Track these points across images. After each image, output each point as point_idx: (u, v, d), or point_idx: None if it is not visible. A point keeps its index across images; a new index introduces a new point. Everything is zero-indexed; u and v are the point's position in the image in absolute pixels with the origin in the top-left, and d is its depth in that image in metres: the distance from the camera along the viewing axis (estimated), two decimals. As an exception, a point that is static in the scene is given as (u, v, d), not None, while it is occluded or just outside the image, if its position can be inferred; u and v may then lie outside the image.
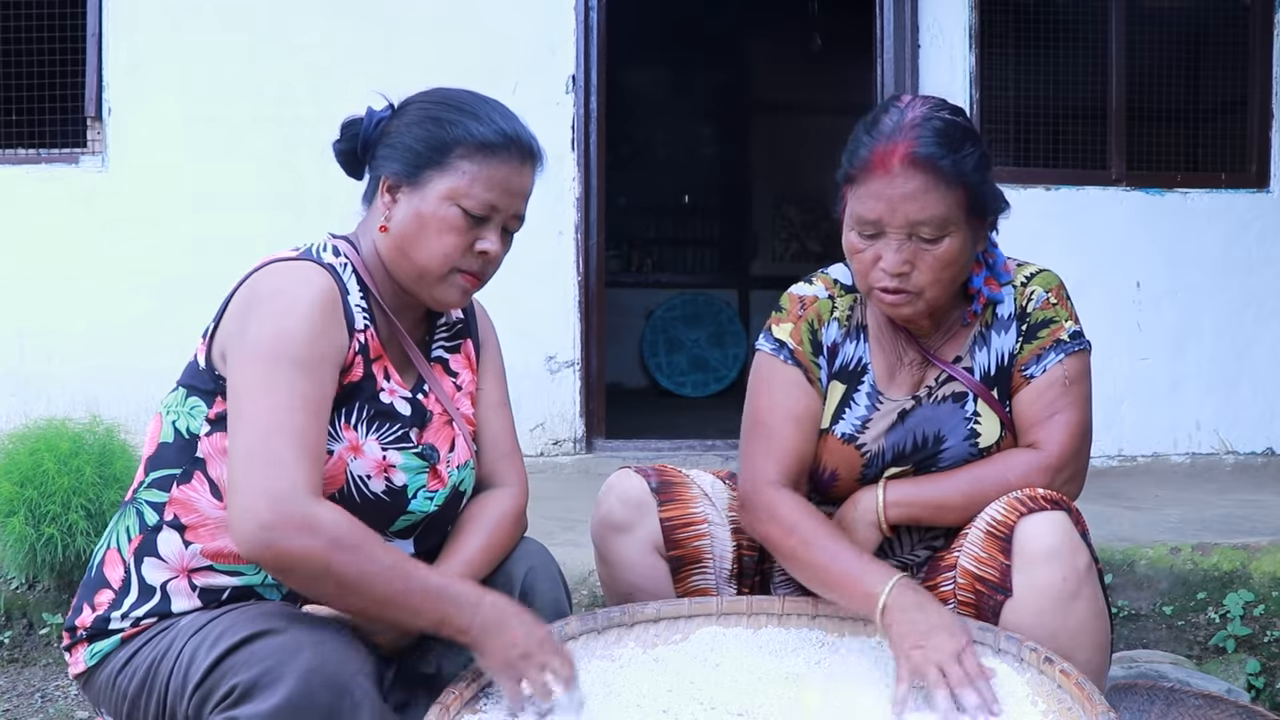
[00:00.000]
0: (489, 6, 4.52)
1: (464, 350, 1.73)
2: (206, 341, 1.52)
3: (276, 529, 1.32)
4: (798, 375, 1.77)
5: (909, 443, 1.74)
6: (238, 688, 1.32)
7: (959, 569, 1.65)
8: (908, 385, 1.77)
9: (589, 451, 4.55)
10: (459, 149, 1.53)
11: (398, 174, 1.54)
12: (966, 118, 1.69)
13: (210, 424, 1.50)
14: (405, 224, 1.53)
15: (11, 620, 3.05)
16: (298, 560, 1.33)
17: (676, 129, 8.83)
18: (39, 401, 4.13)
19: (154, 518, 1.51)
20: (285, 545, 1.32)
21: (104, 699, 1.51)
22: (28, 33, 4.42)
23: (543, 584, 1.66)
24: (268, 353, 1.40)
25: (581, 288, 4.53)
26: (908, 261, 1.62)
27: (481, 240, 1.54)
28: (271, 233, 4.36)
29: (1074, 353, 1.72)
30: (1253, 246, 4.81)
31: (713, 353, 8.13)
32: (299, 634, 1.36)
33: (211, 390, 1.50)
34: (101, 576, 1.53)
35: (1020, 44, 4.80)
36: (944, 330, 1.76)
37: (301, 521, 1.33)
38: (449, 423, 1.64)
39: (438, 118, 1.54)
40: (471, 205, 1.52)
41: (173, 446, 1.52)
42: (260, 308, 1.44)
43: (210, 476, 1.49)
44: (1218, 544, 3.05)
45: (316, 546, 1.33)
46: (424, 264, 1.53)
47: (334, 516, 1.36)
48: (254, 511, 1.33)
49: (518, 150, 1.56)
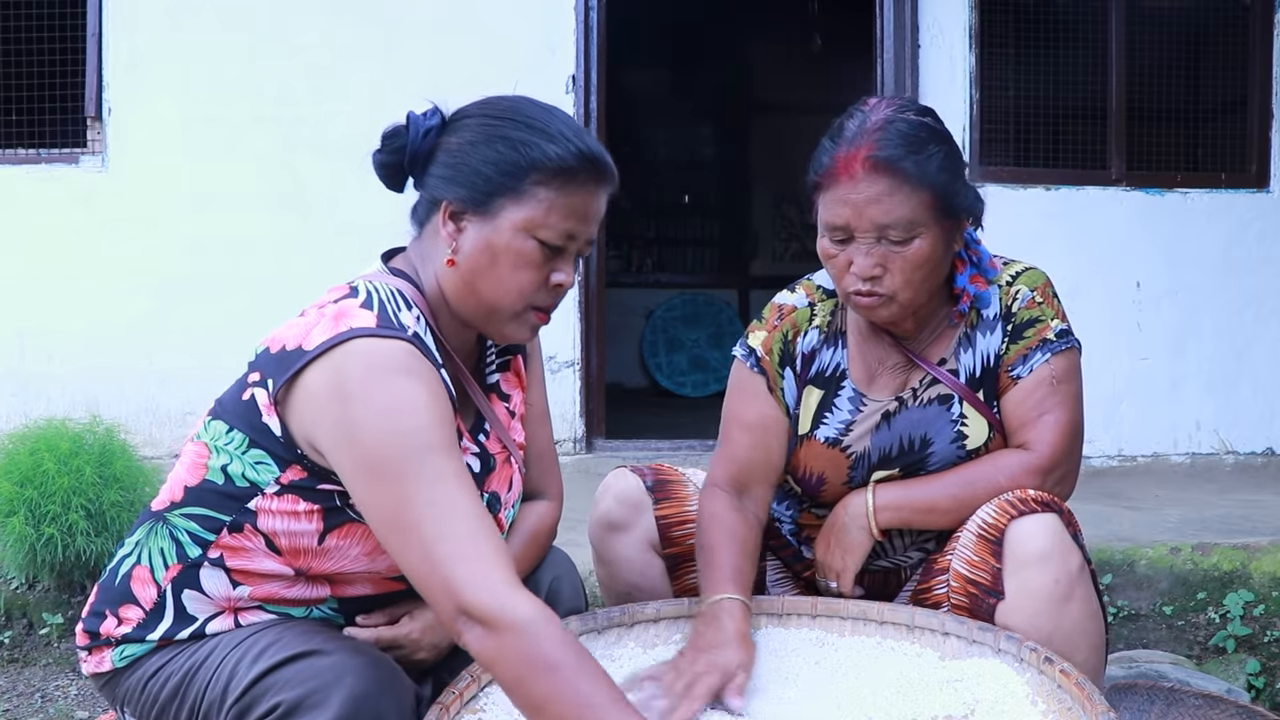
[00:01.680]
0: (489, 7, 4.52)
1: (513, 366, 1.66)
2: (273, 403, 1.36)
3: (473, 624, 1.22)
4: (759, 384, 1.78)
5: (895, 446, 1.73)
6: (281, 705, 1.30)
7: (951, 572, 1.65)
8: (891, 388, 1.76)
9: (589, 451, 4.56)
10: (534, 174, 1.39)
11: (463, 200, 1.41)
12: (935, 118, 1.67)
13: (280, 487, 1.39)
14: (474, 258, 1.40)
15: (11, 620, 3.05)
16: (494, 662, 1.22)
17: (676, 129, 8.83)
18: (39, 401, 4.13)
19: (196, 551, 1.43)
20: (477, 641, 1.22)
21: (130, 701, 1.47)
22: (28, 33, 4.42)
23: (566, 594, 1.67)
24: (398, 459, 1.27)
25: (581, 288, 4.53)
26: (878, 265, 1.61)
27: (557, 273, 1.43)
28: (272, 233, 4.39)
29: (1061, 351, 1.70)
30: (1253, 246, 4.81)
31: (713, 353, 8.12)
32: (346, 658, 1.33)
33: (287, 459, 1.38)
34: (128, 590, 1.46)
35: (1020, 44, 4.80)
36: (929, 332, 1.75)
37: (498, 618, 1.20)
38: (508, 460, 1.59)
39: (508, 137, 1.40)
40: (549, 236, 1.40)
41: (221, 490, 1.41)
42: (362, 409, 1.28)
43: (263, 530, 1.40)
44: (1218, 544, 3.05)
45: (510, 649, 1.20)
46: (496, 301, 1.42)
47: (538, 618, 1.21)
48: (446, 610, 1.24)
49: (595, 172, 1.43)
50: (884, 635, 1.62)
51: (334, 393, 1.30)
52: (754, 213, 8.91)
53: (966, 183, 1.67)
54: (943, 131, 1.66)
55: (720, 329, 8.21)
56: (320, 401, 1.31)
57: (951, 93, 4.61)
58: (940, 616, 1.61)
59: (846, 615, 1.67)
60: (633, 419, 5.50)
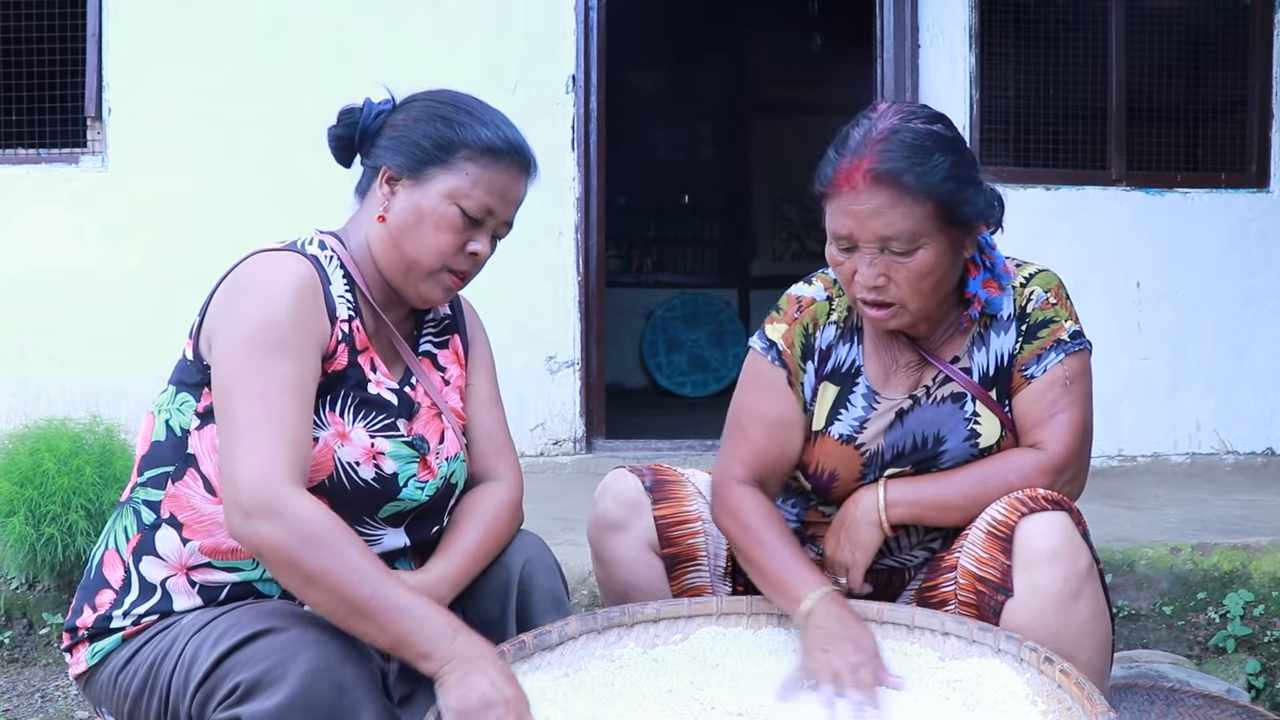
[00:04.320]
0: (489, 7, 4.52)
1: (452, 346, 1.74)
2: (194, 335, 1.54)
3: (251, 515, 1.34)
4: (780, 378, 1.77)
5: (908, 443, 1.74)
6: (240, 686, 1.32)
7: (960, 569, 1.65)
8: (904, 386, 1.77)
9: (589, 451, 4.55)
10: (464, 150, 1.55)
11: (400, 166, 1.56)
12: (945, 124, 1.66)
13: (199, 417, 1.52)
14: (403, 216, 1.56)
15: (11, 620, 3.05)
16: (266, 548, 1.34)
17: (676, 129, 8.84)
18: (39, 401, 4.13)
19: (151, 516, 1.52)
20: (256, 532, 1.34)
21: (105, 698, 1.51)
22: (28, 33, 4.42)
23: (540, 575, 1.66)
24: (250, 339, 1.43)
25: (581, 288, 4.53)
26: (883, 275, 1.62)
27: (473, 242, 1.57)
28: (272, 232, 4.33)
29: (1074, 352, 1.72)
30: (1253, 246, 4.81)
31: (713, 353, 8.13)
32: (302, 632, 1.36)
33: (199, 383, 1.52)
34: (101, 577, 1.53)
35: (1020, 44, 4.80)
36: (942, 331, 1.76)
37: (273, 508, 1.34)
38: (438, 415, 1.65)
39: (446, 117, 1.57)
40: (470, 206, 1.55)
41: (165, 444, 1.54)
42: (241, 295, 1.48)
43: (202, 472, 1.51)
44: (1218, 544, 3.05)
45: (282, 535, 1.33)
46: (416, 257, 1.56)
47: (307, 507, 1.35)
48: (233, 498, 1.35)
49: (519, 159, 1.59)
50: (884, 635, 1.62)
51: (226, 290, 1.51)
52: (754, 213, 8.91)
53: (980, 188, 1.65)
54: (951, 138, 1.64)
55: (720, 329, 8.21)
56: (218, 303, 1.51)
57: (951, 93, 4.61)
58: (940, 616, 1.61)
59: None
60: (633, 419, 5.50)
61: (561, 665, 1.56)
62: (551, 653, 1.57)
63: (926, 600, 1.72)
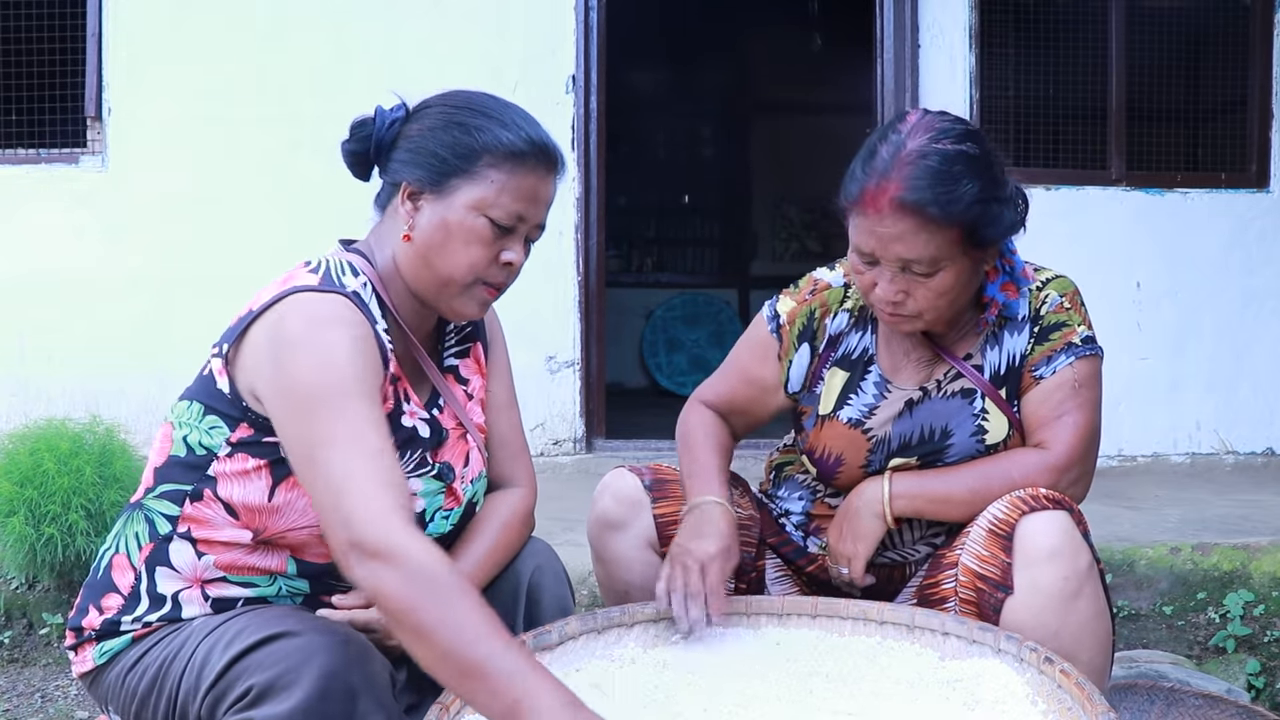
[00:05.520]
0: (489, 7, 4.52)
1: (473, 353, 1.71)
2: (225, 365, 1.47)
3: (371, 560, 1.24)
4: (771, 348, 1.85)
5: (916, 434, 1.75)
6: (253, 689, 1.31)
7: (960, 566, 1.66)
8: (916, 378, 1.79)
9: (589, 451, 4.56)
10: (487, 157, 1.47)
11: (420, 180, 1.49)
12: (975, 141, 1.62)
13: (231, 447, 1.46)
14: (429, 234, 1.48)
15: (11, 620, 3.05)
16: (383, 595, 1.24)
17: (676, 129, 8.83)
18: (39, 401, 4.13)
19: (166, 528, 1.49)
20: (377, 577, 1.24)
21: (112, 698, 1.50)
22: (28, 33, 4.42)
23: (548, 582, 1.67)
24: (319, 398, 1.34)
25: (581, 288, 4.53)
26: (902, 291, 1.63)
27: (507, 251, 1.50)
28: (272, 233, 4.38)
29: (1085, 356, 1.73)
30: (1253, 246, 4.81)
31: (713, 353, 8.12)
32: (315, 637, 1.35)
33: (236, 417, 1.46)
34: (109, 580, 1.52)
35: (1020, 44, 4.80)
36: (957, 330, 1.78)
37: (393, 554, 1.23)
38: (463, 436, 1.63)
39: (463, 123, 1.49)
40: (499, 215, 1.48)
41: (183, 461, 1.49)
42: (294, 353, 1.38)
43: (221, 496, 1.47)
44: (1218, 544, 3.05)
45: (400, 583, 1.22)
46: (449, 274, 1.49)
47: (425, 554, 1.24)
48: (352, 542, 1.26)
49: (545, 158, 1.51)
50: (884, 635, 1.62)
51: (273, 340, 1.40)
52: (754, 213, 8.91)
53: (1007, 200, 1.65)
54: (982, 156, 1.61)
55: (720, 329, 8.20)
56: (261, 350, 1.41)
57: (951, 93, 4.61)
58: (940, 616, 1.61)
59: (846, 615, 1.66)
60: (633, 419, 5.50)
61: (561, 665, 1.56)
62: (551, 653, 1.57)
63: (927, 597, 1.73)
